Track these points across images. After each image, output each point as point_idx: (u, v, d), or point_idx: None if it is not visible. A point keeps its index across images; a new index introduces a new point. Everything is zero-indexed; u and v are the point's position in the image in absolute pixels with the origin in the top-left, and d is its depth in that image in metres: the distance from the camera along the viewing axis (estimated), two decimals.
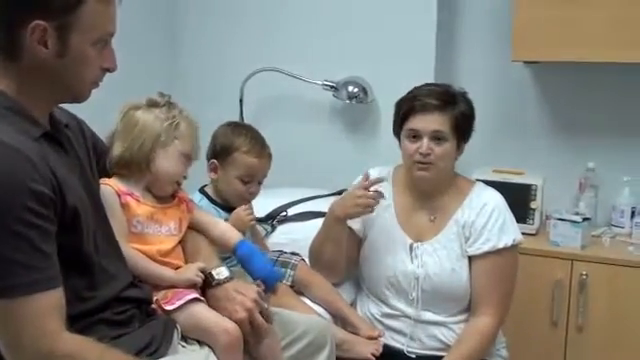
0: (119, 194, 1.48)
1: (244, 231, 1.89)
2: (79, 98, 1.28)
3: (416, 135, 1.86)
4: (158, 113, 1.53)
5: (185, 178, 1.60)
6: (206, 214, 1.70)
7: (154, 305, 1.46)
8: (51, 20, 1.16)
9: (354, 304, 2.06)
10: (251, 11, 2.84)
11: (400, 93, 1.95)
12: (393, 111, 1.95)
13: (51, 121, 1.29)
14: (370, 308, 2.00)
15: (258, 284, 1.57)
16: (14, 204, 1.10)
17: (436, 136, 1.84)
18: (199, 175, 1.97)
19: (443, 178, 1.92)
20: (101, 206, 1.40)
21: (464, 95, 1.92)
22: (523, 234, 2.00)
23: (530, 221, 2.44)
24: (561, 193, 2.57)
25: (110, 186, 1.48)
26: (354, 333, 1.91)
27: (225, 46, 2.89)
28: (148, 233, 1.52)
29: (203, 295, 1.51)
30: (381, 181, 1.89)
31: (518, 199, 2.33)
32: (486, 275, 1.87)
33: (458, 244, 1.89)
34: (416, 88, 1.93)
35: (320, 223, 2.00)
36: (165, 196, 1.58)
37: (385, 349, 1.88)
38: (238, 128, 2.00)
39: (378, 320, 1.97)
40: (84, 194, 1.29)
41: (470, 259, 1.88)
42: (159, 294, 1.48)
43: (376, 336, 1.91)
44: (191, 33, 2.95)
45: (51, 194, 1.15)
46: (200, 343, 1.47)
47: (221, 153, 1.93)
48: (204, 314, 1.47)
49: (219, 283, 1.52)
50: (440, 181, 1.92)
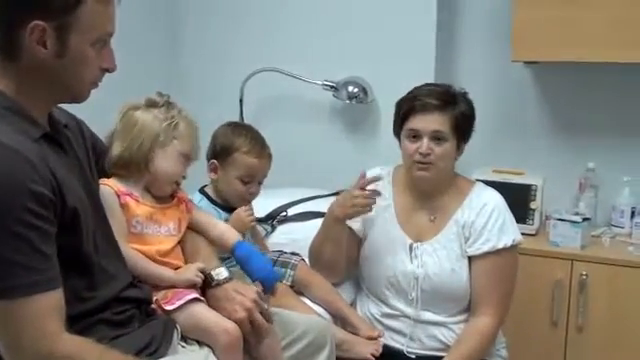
0: (118, 194, 1.48)
1: (244, 232, 1.89)
2: (78, 98, 1.28)
3: (416, 135, 1.86)
4: (157, 113, 1.53)
5: (184, 178, 1.60)
6: (205, 214, 1.70)
7: (154, 305, 1.46)
8: (50, 20, 1.16)
9: (354, 304, 2.06)
10: (251, 11, 2.84)
11: (400, 93, 1.95)
12: (393, 111, 1.95)
13: (50, 121, 1.29)
14: (370, 308, 2.00)
15: (257, 285, 1.57)
16: (14, 205, 1.10)
17: (436, 136, 1.85)
18: (199, 175, 1.97)
19: (443, 178, 1.92)
20: (101, 206, 1.39)
21: (464, 95, 1.92)
22: (523, 234, 2.00)
23: (530, 221, 2.44)
24: (561, 193, 2.57)
25: (109, 186, 1.48)
26: (354, 333, 1.91)
27: (225, 46, 2.89)
28: (147, 233, 1.51)
29: (203, 295, 1.51)
30: (377, 179, 1.89)
31: (518, 199, 2.33)
32: (486, 275, 1.87)
33: (458, 244, 1.89)
34: (416, 88, 1.93)
35: (320, 223, 2.00)
36: (164, 196, 1.58)
37: (385, 349, 1.88)
38: (238, 128, 2.00)
39: (378, 320, 1.97)
40: (84, 195, 1.28)
41: (470, 259, 1.88)
42: (159, 294, 1.48)
43: (376, 336, 1.91)
44: (191, 33, 2.94)
45: (51, 195, 1.15)
46: (200, 343, 1.47)
47: (221, 153, 1.93)
48: (204, 314, 1.47)
49: (219, 283, 1.52)
50: (440, 181, 1.91)
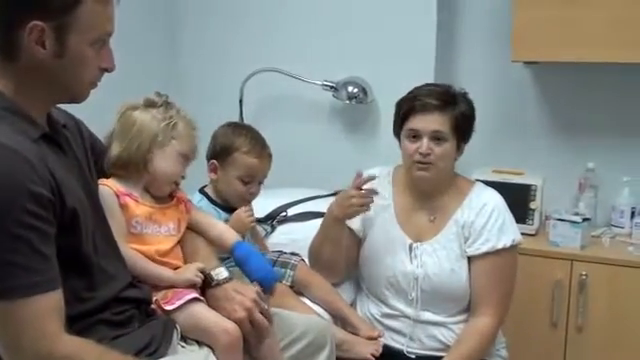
0: (118, 195, 1.48)
1: (244, 233, 1.89)
2: (77, 98, 1.28)
3: (416, 135, 1.86)
4: (155, 113, 1.53)
5: (183, 178, 1.60)
6: (204, 215, 1.70)
7: (154, 305, 1.46)
8: (49, 20, 1.15)
9: (354, 304, 2.05)
10: (251, 11, 2.84)
11: (400, 93, 1.95)
12: (393, 111, 1.95)
13: (49, 121, 1.29)
14: (370, 308, 1.99)
15: (255, 285, 1.57)
16: (13, 206, 1.10)
17: (436, 136, 1.84)
18: (199, 175, 1.97)
19: (443, 178, 1.91)
20: (100, 207, 1.39)
21: (464, 95, 1.92)
22: (523, 234, 2.00)
23: (530, 221, 2.44)
24: (561, 193, 2.57)
25: (108, 187, 1.48)
26: (354, 333, 1.91)
27: (225, 46, 2.89)
28: (147, 233, 1.51)
29: (202, 296, 1.51)
30: (372, 179, 1.88)
31: (518, 199, 2.33)
32: (485, 275, 1.87)
33: (457, 244, 1.89)
34: (416, 88, 1.92)
35: (320, 223, 1.99)
36: (163, 196, 1.58)
37: (385, 349, 1.88)
38: (238, 128, 2.00)
39: (378, 320, 1.96)
40: (83, 195, 1.28)
41: (469, 259, 1.88)
42: (159, 294, 1.48)
43: (376, 336, 1.90)
44: (191, 33, 2.94)
45: (50, 196, 1.15)
46: (199, 343, 1.47)
47: (221, 153, 1.93)
48: (204, 314, 1.47)
49: (218, 283, 1.52)
50: (440, 181, 1.91)
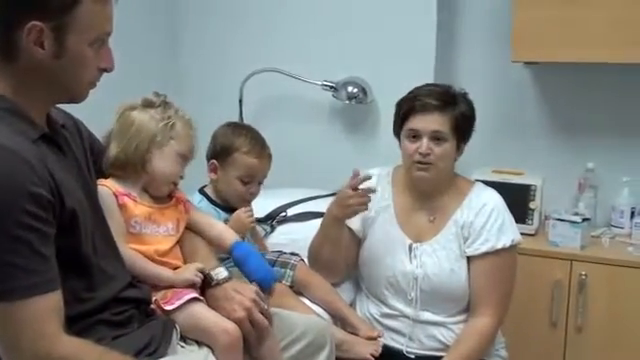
0: (116, 195, 1.48)
1: (244, 233, 1.89)
2: (77, 99, 1.27)
3: (416, 135, 1.86)
4: (153, 113, 1.53)
5: (182, 178, 1.59)
6: (203, 215, 1.70)
7: (153, 305, 1.46)
8: (47, 21, 1.15)
9: (353, 304, 2.05)
10: (251, 11, 2.84)
11: (400, 94, 1.95)
12: (393, 112, 1.95)
13: (48, 122, 1.28)
14: (369, 308, 1.99)
15: (254, 285, 1.57)
16: (13, 207, 1.10)
17: (436, 136, 1.84)
18: (199, 175, 1.97)
19: (443, 178, 1.91)
20: (99, 207, 1.39)
21: (465, 96, 1.92)
22: (522, 234, 2.00)
23: (529, 221, 2.44)
24: (560, 193, 2.57)
25: (107, 187, 1.48)
26: (353, 333, 1.91)
27: (225, 46, 2.89)
28: (146, 233, 1.51)
29: (202, 296, 1.51)
30: (368, 178, 1.87)
31: (517, 199, 2.33)
32: (485, 276, 1.87)
33: (457, 244, 1.89)
34: (417, 88, 1.93)
35: (319, 223, 1.99)
36: (162, 196, 1.58)
37: (384, 349, 1.88)
38: (238, 128, 2.00)
39: (377, 320, 1.96)
40: (82, 195, 1.28)
41: (469, 259, 1.88)
42: (158, 294, 1.48)
43: (375, 336, 1.90)
44: (191, 33, 2.94)
45: (49, 197, 1.15)
46: (199, 343, 1.47)
47: (221, 153, 1.93)
48: (203, 314, 1.47)
49: (218, 283, 1.52)
50: (439, 181, 1.91)
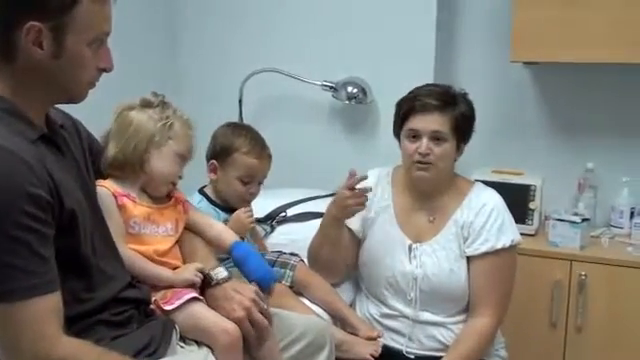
0: (115, 196, 1.48)
1: (244, 233, 1.89)
2: (76, 99, 1.27)
3: (416, 135, 1.86)
4: (152, 113, 1.52)
5: (180, 178, 1.59)
6: (202, 215, 1.70)
7: (153, 306, 1.46)
8: (46, 21, 1.15)
9: (353, 304, 2.05)
10: (250, 11, 2.84)
11: (399, 94, 1.95)
12: (392, 112, 1.95)
13: (47, 122, 1.28)
14: (369, 308, 1.99)
15: (254, 285, 1.56)
16: (12, 208, 1.10)
17: (436, 136, 1.84)
18: (198, 176, 1.97)
19: (442, 178, 1.91)
20: (98, 207, 1.39)
21: (464, 96, 1.92)
22: (522, 234, 2.00)
23: (529, 221, 2.44)
24: (560, 193, 2.57)
25: (106, 188, 1.48)
26: (353, 334, 1.91)
27: (224, 46, 2.89)
28: (145, 234, 1.51)
29: (201, 296, 1.50)
30: (364, 178, 1.86)
31: (517, 199, 2.33)
32: (484, 276, 1.87)
33: (457, 244, 1.89)
34: (417, 88, 1.93)
35: (319, 223, 1.99)
36: (161, 197, 1.58)
37: (384, 350, 1.88)
38: (238, 129, 2.00)
39: (377, 320, 1.96)
40: (81, 196, 1.28)
41: (468, 259, 1.88)
42: (158, 294, 1.48)
43: (375, 337, 1.90)
44: (190, 33, 2.94)
45: (49, 197, 1.15)
46: (198, 344, 1.47)
47: (221, 154, 1.93)
48: (203, 314, 1.47)
49: (218, 283, 1.52)
50: (439, 181, 1.91)
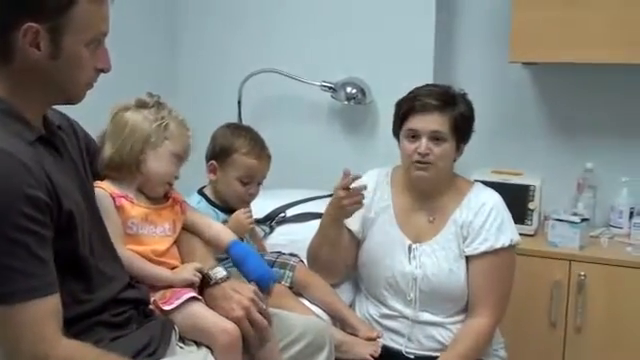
0: (113, 197, 1.48)
1: (243, 234, 1.89)
2: (73, 100, 1.27)
3: (415, 135, 1.87)
4: (147, 114, 1.52)
5: (177, 178, 1.59)
6: (200, 215, 1.69)
7: (152, 306, 1.46)
8: (43, 22, 1.15)
9: (352, 305, 2.05)
10: (249, 12, 2.84)
11: (399, 94, 1.95)
12: (392, 112, 1.95)
13: (45, 123, 1.28)
14: (368, 309, 1.99)
15: (253, 285, 1.56)
16: (10, 210, 1.09)
17: (435, 136, 1.85)
18: (198, 176, 1.97)
19: (442, 178, 1.92)
20: (96, 208, 1.39)
21: (464, 96, 1.92)
22: (521, 235, 2.00)
23: (528, 222, 2.44)
24: (559, 194, 2.57)
25: (104, 189, 1.48)
26: (353, 334, 1.91)
27: (223, 47, 2.89)
28: (143, 234, 1.51)
29: (200, 296, 1.50)
30: (358, 177, 1.85)
31: (516, 200, 2.33)
32: (483, 275, 1.87)
33: (456, 244, 1.89)
34: (416, 88, 1.93)
35: (318, 224, 1.99)
36: (158, 197, 1.58)
37: (384, 350, 1.88)
38: (237, 129, 2.00)
39: (376, 321, 1.96)
40: (79, 197, 1.28)
41: (468, 259, 1.88)
42: (157, 294, 1.48)
43: (375, 337, 1.90)
44: (189, 34, 2.94)
45: (47, 199, 1.14)
46: (198, 344, 1.47)
47: (220, 154, 1.93)
48: (202, 314, 1.46)
49: (217, 282, 1.51)
50: (439, 181, 1.92)
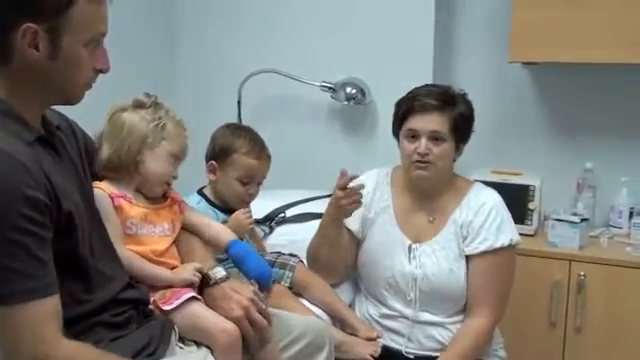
0: (112, 197, 1.48)
1: (243, 235, 1.89)
2: (72, 100, 1.27)
3: (415, 135, 1.87)
4: (144, 114, 1.52)
5: (175, 178, 1.59)
6: (198, 215, 1.69)
7: (151, 306, 1.46)
8: (42, 22, 1.15)
9: (352, 305, 2.05)
10: (249, 12, 2.84)
11: (398, 94, 1.95)
12: (391, 112, 1.95)
13: (44, 124, 1.28)
14: (368, 309, 1.99)
15: (252, 283, 1.56)
16: (10, 211, 1.09)
17: (434, 136, 1.85)
18: (198, 177, 1.97)
19: (442, 178, 1.92)
20: (95, 209, 1.39)
21: (464, 96, 1.92)
22: (521, 235, 2.00)
23: (528, 222, 2.44)
24: (559, 194, 2.57)
25: (102, 190, 1.48)
26: (353, 334, 1.91)
27: (223, 47, 2.88)
28: (142, 234, 1.51)
29: (200, 296, 1.50)
30: (355, 177, 1.85)
31: (516, 200, 2.33)
32: (482, 275, 1.87)
33: (456, 244, 1.89)
34: (416, 88, 1.93)
35: (318, 224, 1.99)
36: (156, 197, 1.58)
37: (384, 350, 1.88)
38: (237, 129, 2.00)
39: (376, 321, 1.97)
40: (78, 197, 1.28)
41: (467, 259, 1.88)
42: (157, 294, 1.48)
43: (375, 337, 1.90)
44: (188, 34, 2.94)
45: (46, 200, 1.14)
46: (198, 344, 1.47)
47: (220, 154, 1.93)
48: (202, 313, 1.46)
49: (216, 282, 1.51)
50: (438, 181, 1.92)
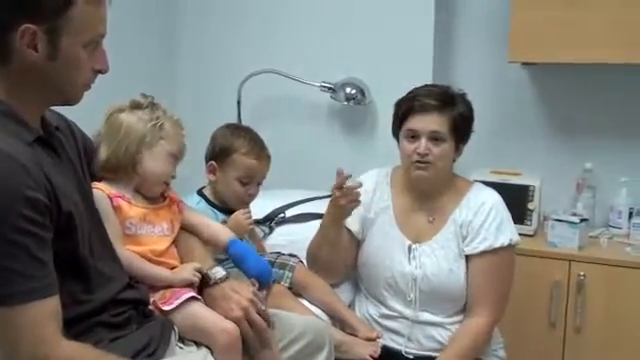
0: (110, 197, 1.48)
1: (243, 235, 1.89)
2: (71, 101, 1.27)
3: (414, 135, 1.87)
4: (142, 115, 1.52)
5: (173, 178, 1.59)
6: (197, 215, 1.69)
7: (151, 306, 1.46)
8: (41, 23, 1.15)
9: (352, 305, 2.05)
10: (249, 13, 2.84)
11: (398, 94, 1.95)
12: (391, 112, 1.95)
13: (43, 124, 1.28)
14: (368, 309, 1.99)
15: (252, 282, 1.57)
16: (10, 212, 1.09)
17: (434, 136, 1.85)
18: (197, 177, 1.97)
19: (441, 178, 1.92)
20: (95, 209, 1.39)
21: (463, 97, 1.93)
22: (521, 235, 2.00)
23: (528, 222, 2.44)
24: (559, 194, 2.57)
25: (101, 190, 1.48)
26: (352, 334, 1.91)
27: (223, 48, 2.89)
28: (141, 234, 1.52)
29: (199, 296, 1.50)
30: (350, 176, 1.84)
31: (516, 200, 2.33)
32: (482, 274, 1.87)
33: (456, 243, 1.89)
34: (416, 88, 1.93)
35: (318, 224, 1.99)
36: (155, 197, 1.58)
37: (383, 350, 1.88)
38: (237, 130, 2.00)
39: (376, 321, 1.96)
40: (78, 198, 1.28)
41: (467, 259, 1.88)
42: (156, 295, 1.48)
43: (374, 337, 1.90)
44: (188, 35, 2.94)
45: (46, 201, 1.14)
46: (197, 344, 1.47)
47: (220, 155, 1.93)
48: (202, 314, 1.47)
49: (216, 282, 1.52)
50: (438, 181, 1.92)
